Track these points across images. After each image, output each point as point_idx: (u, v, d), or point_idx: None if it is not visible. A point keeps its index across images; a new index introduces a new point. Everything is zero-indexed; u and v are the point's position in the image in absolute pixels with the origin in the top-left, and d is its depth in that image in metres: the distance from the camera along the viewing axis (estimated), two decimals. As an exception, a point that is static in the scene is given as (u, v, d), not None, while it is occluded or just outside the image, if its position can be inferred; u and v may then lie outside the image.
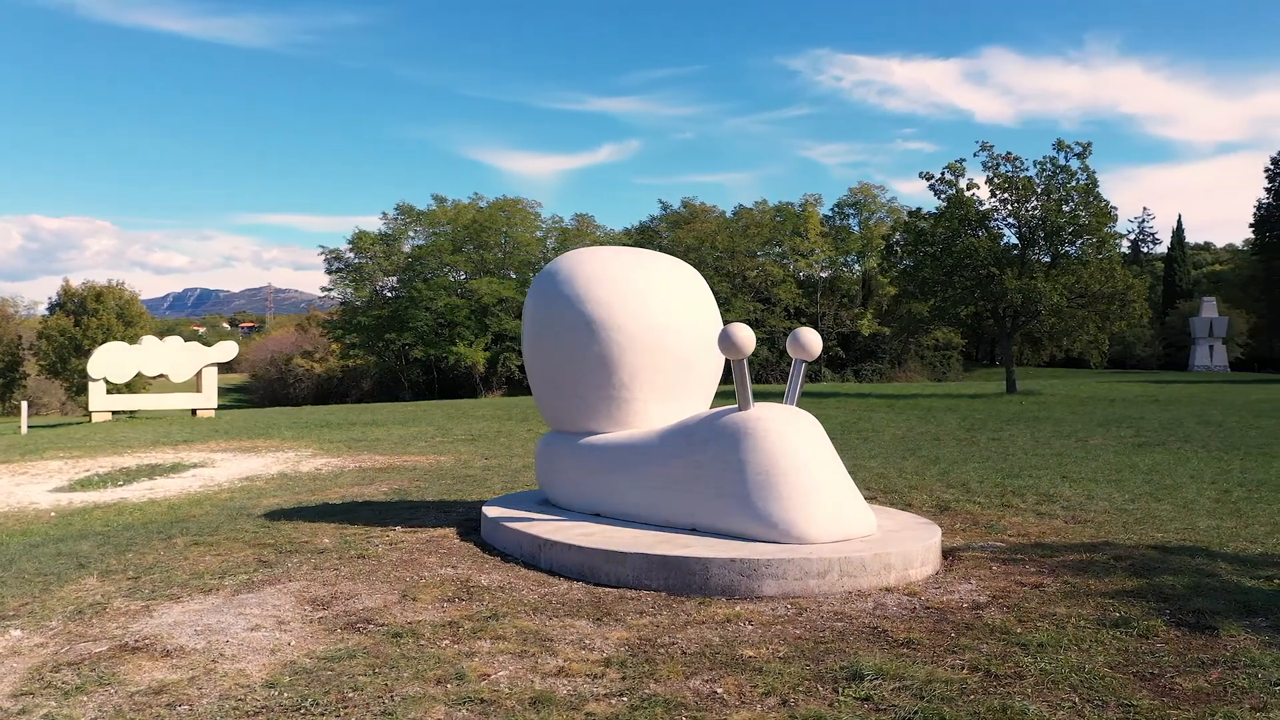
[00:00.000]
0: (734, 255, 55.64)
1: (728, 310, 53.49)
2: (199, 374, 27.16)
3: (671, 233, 57.63)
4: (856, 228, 62.17)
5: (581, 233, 64.13)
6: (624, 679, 4.16)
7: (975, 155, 31.30)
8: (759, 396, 6.91)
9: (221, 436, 19.55)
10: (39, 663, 4.57)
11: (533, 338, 7.61)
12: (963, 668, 4.20)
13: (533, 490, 8.72)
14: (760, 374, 55.60)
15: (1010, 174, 30.73)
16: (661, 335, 7.21)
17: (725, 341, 6.23)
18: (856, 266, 62.21)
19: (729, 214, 60.61)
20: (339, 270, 59.77)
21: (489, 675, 4.24)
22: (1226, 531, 7.42)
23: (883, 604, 5.28)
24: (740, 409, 6.39)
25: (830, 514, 6.00)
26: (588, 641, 4.70)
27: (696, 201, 61.06)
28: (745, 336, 6.19)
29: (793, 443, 6.20)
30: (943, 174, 31.70)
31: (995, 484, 10.20)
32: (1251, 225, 44.01)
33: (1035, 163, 30.75)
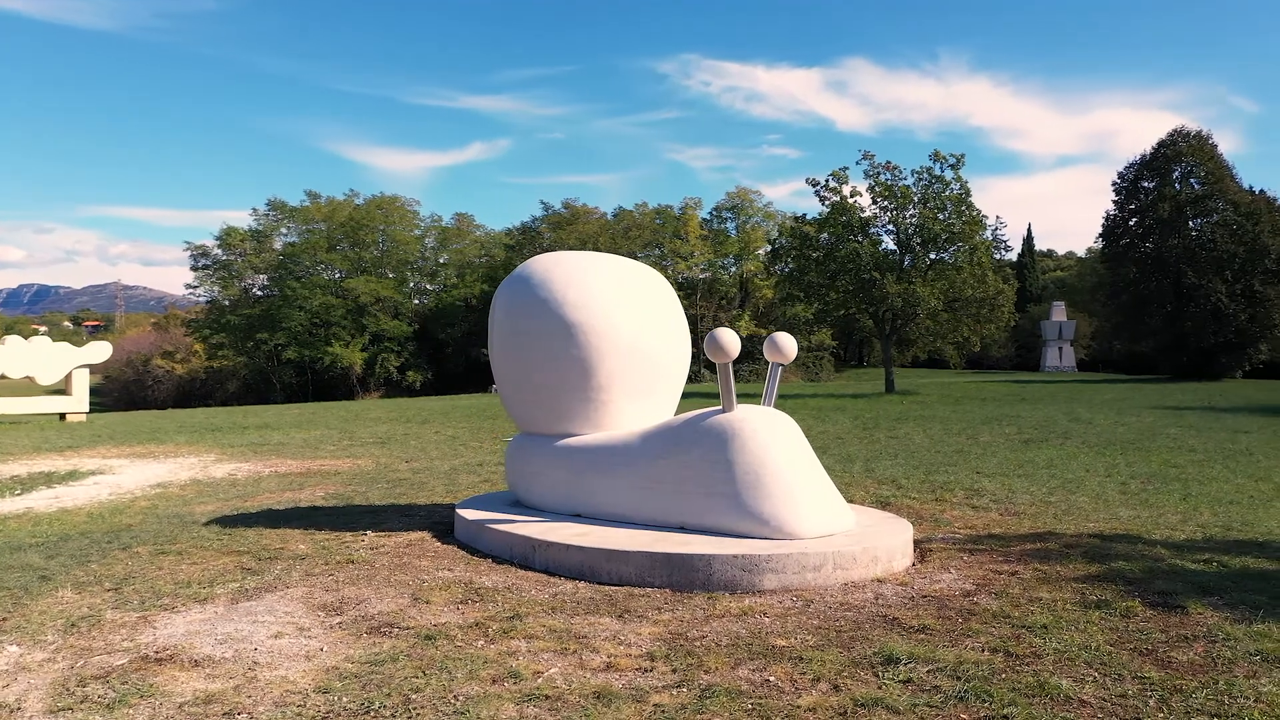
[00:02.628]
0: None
1: (610, 311, 53.87)
2: (68, 376, 25.67)
3: (554, 233, 57.58)
4: (734, 231, 63.52)
5: (462, 232, 63.43)
6: (674, 671, 4.34)
7: (857, 164, 32.64)
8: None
9: (108, 442, 18.60)
10: (58, 677, 4.42)
11: (504, 341, 7.66)
12: (983, 649, 4.56)
13: (498, 492, 8.76)
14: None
15: (890, 182, 32.14)
16: (636, 339, 7.39)
17: (712, 345, 6.46)
18: (734, 269, 63.56)
19: (610, 215, 61.02)
20: (206, 267, 57.29)
21: (541, 673, 4.34)
22: (1146, 521, 8.11)
23: (881, 594, 5.62)
24: (724, 410, 6.63)
25: (816, 510, 6.32)
26: (622, 637, 4.86)
27: (578, 203, 61.21)
28: (731, 341, 6.44)
29: (777, 442, 6.49)
30: (827, 181, 32.89)
31: (921, 480, 10.78)
32: (1100, 235, 47.07)
33: (913, 172, 32.28)
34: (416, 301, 61.69)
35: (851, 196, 32.45)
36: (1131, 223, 44.80)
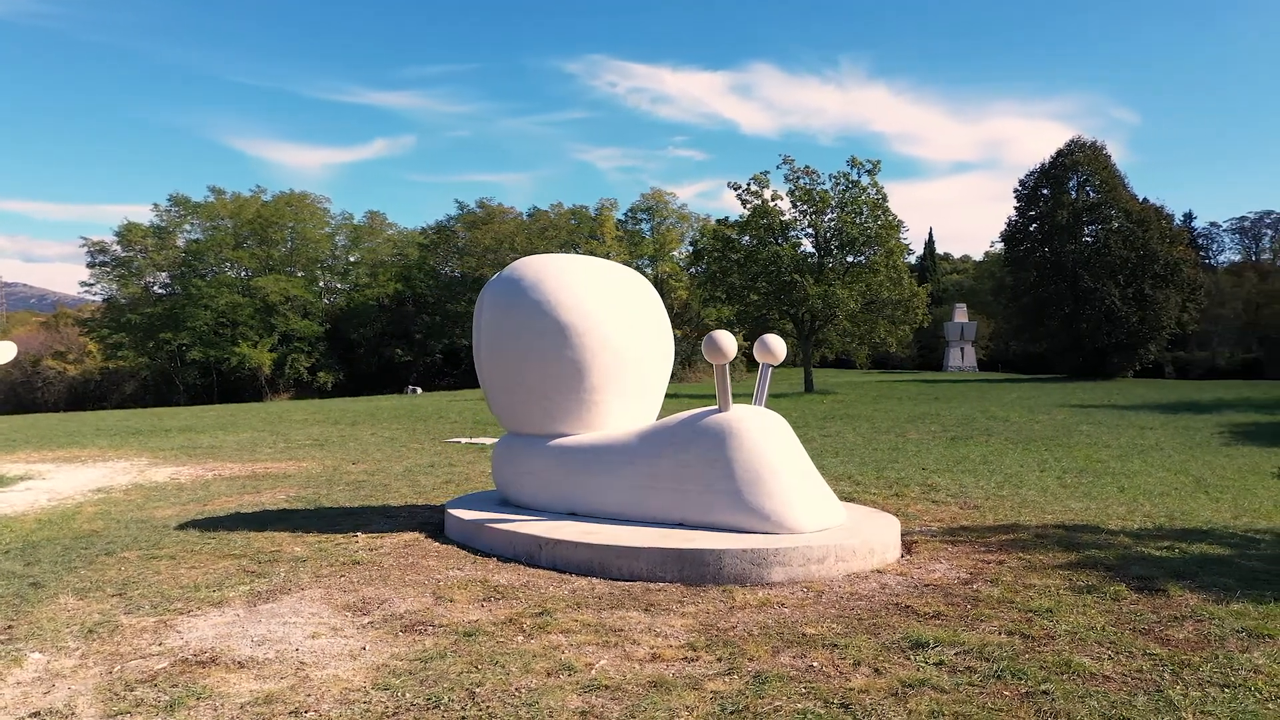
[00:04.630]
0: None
1: (526, 312, 53.67)
2: (-31, 377, 24.45)
3: (469, 233, 57.07)
4: (649, 232, 63.99)
5: (374, 231, 62.34)
6: (719, 660, 4.53)
7: (777, 168, 33.32)
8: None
9: (26, 447, 17.89)
10: (100, 683, 4.37)
11: (494, 343, 7.73)
12: (999, 632, 4.87)
13: (485, 491, 8.82)
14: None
15: (809, 187, 32.90)
16: (626, 340, 7.56)
17: (710, 347, 6.67)
18: (649, 270, 64.00)
19: (525, 215, 60.78)
20: (104, 264, 54.97)
21: (592, 665, 4.49)
22: (1097, 512, 8.64)
23: (885, 584, 5.91)
24: (721, 410, 6.85)
25: (812, 505, 6.59)
26: (656, 629, 5.03)
27: (493, 202, 60.77)
28: (729, 343, 6.66)
29: (773, 441, 6.74)
30: (748, 185, 33.48)
31: (875, 477, 11.20)
32: (1002, 239, 48.95)
33: (830, 176, 33.11)
34: (327, 301, 60.38)
35: (772, 200, 33.09)
36: (1032, 228, 46.68)
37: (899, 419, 22.27)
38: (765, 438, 6.72)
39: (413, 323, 56.79)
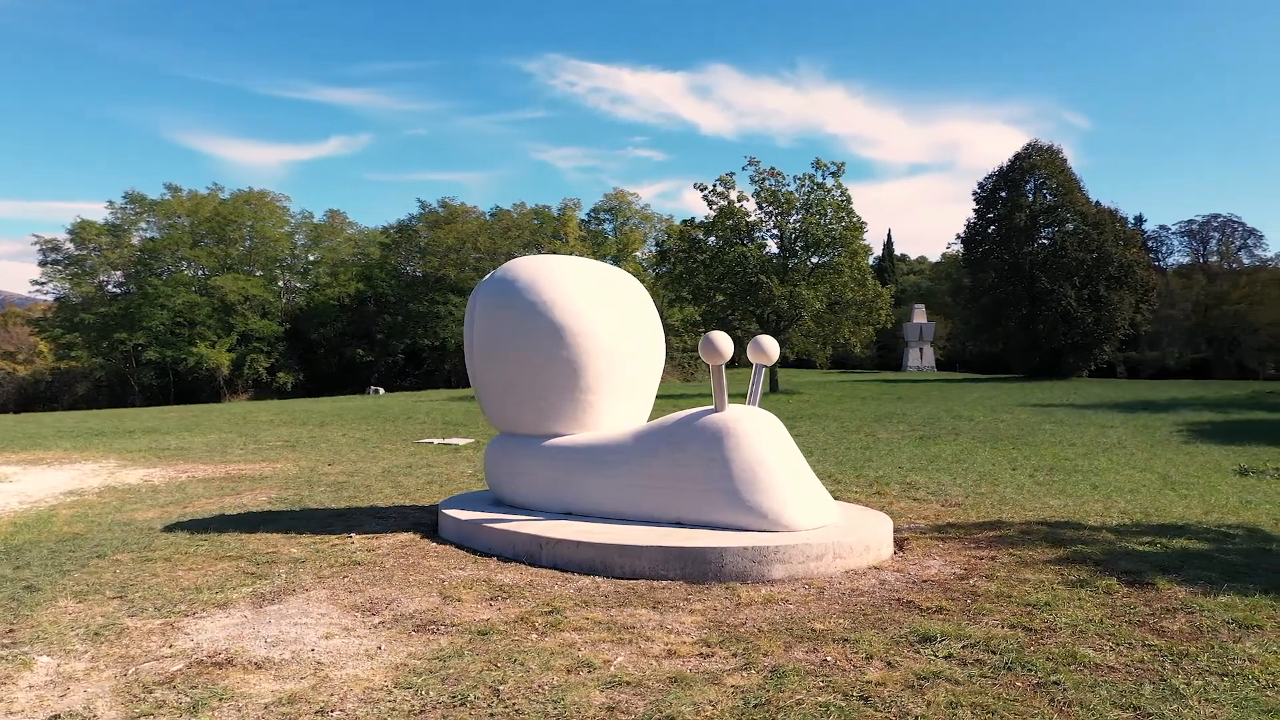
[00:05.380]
0: (495, 256, 55.69)
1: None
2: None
3: (431, 232, 56.71)
4: (611, 233, 64.04)
5: (334, 230, 61.72)
6: (734, 655, 4.62)
7: (743, 169, 33.55)
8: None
9: (-13, 448, 17.49)
10: (116, 685, 4.35)
11: (488, 343, 7.74)
12: (1002, 626, 5.01)
13: (477, 491, 8.84)
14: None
15: (775, 188, 33.16)
16: (620, 341, 7.62)
17: (707, 347, 6.76)
18: (612, 270, 63.98)
19: (487, 215, 60.54)
20: (55, 262, 53.82)
21: (610, 662, 4.55)
22: (1074, 509, 8.86)
23: (884, 580, 6.04)
24: (716, 410, 6.94)
25: (807, 503, 6.71)
26: (668, 626, 5.10)
27: (456, 201, 60.44)
28: (726, 343, 6.76)
29: (769, 440, 6.85)
30: (714, 186, 33.67)
31: (853, 475, 11.37)
32: (961, 241, 49.67)
33: (795, 178, 33.41)
34: (286, 300, 59.67)
35: (738, 201, 33.31)
36: (990, 230, 47.42)
37: (866, 418, 22.55)
38: (761, 437, 6.83)
39: (374, 323, 56.33)
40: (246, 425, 22.19)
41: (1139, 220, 75.44)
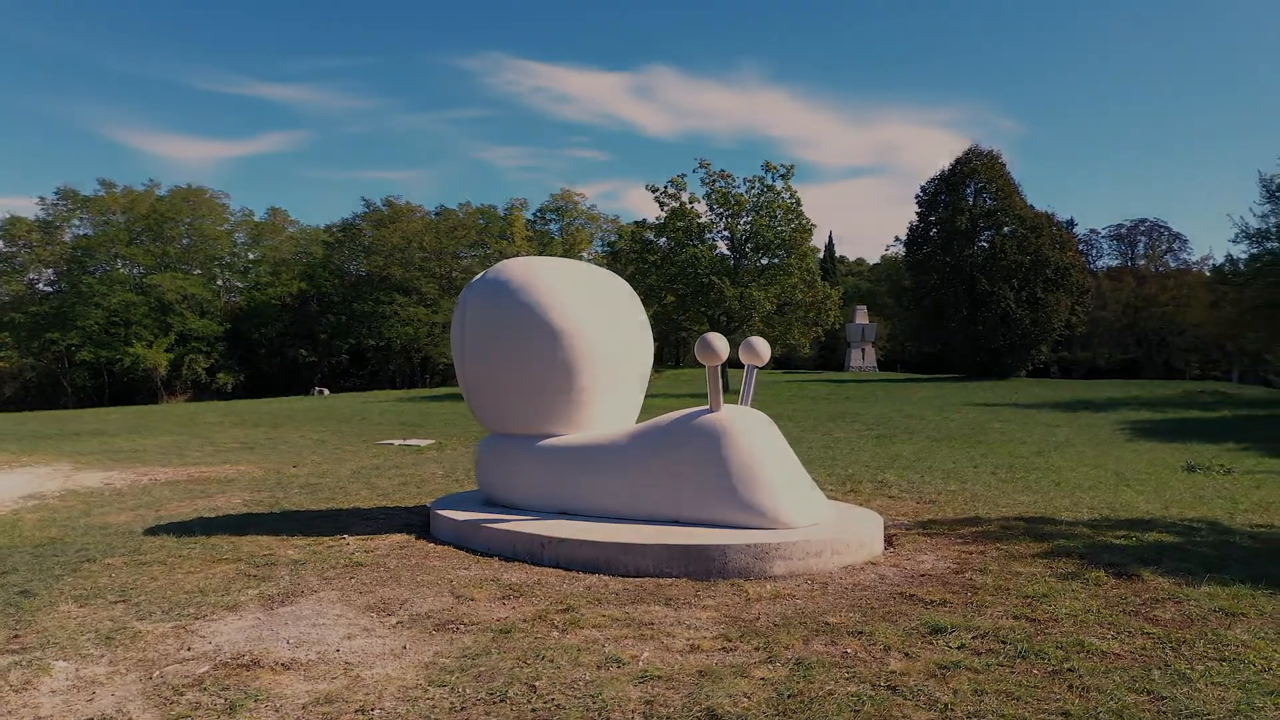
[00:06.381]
0: (440, 256, 55.26)
1: (435, 312, 53.00)
2: None
3: (376, 231, 56.03)
4: (558, 233, 63.88)
5: (276, 228, 60.67)
6: (757, 649, 4.74)
7: (694, 171, 33.83)
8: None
9: (-72, 451, 16.93)
10: (144, 689, 4.33)
11: (481, 343, 7.77)
12: (1006, 617, 5.21)
13: (467, 491, 8.87)
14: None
15: (725, 190, 33.50)
16: (613, 341, 7.71)
17: (704, 348, 6.89)
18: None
19: (433, 214, 59.96)
20: (-18, 259, 52.03)
21: (637, 657, 4.64)
22: (1044, 505, 9.17)
23: (884, 575, 6.22)
24: (712, 410, 7.07)
25: (802, 501, 6.87)
26: (685, 622, 5.21)
27: (401, 200, 59.80)
28: (722, 345, 6.90)
29: (764, 440, 7.00)
30: (666, 188, 33.89)
31: (825, 474, 11.59)
32: (904, 244, 50.61)
33: (745, 180, 33.79)
34: (226, 300, 58.49)
35: (690, 203, 33.57)
36: (932, 233, 48.37)
37: (820, 418, 22.92)
38: (757, 437, 6.97)
39: (318, 323, 55.49)
40: (196, 427, 21.79)
41: (1070, 224, 77.48)
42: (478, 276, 8.20)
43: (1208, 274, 60.57)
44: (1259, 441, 17.49)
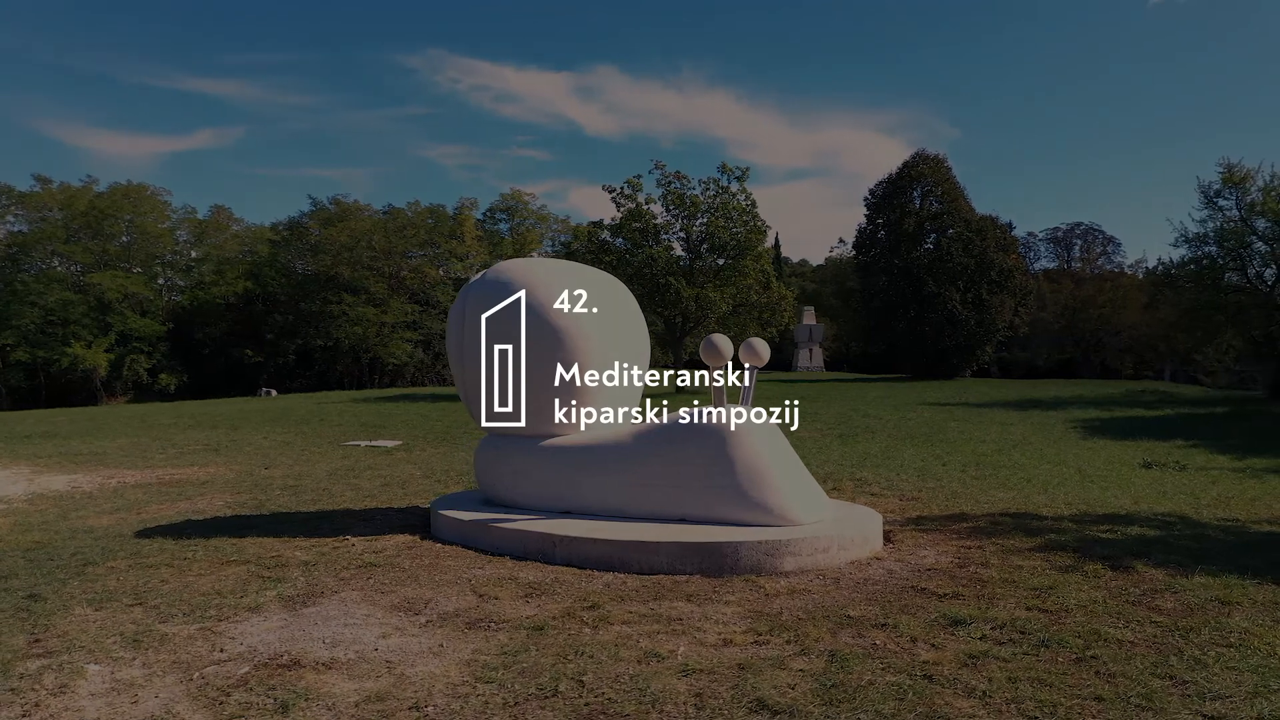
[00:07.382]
0: (390, 255, 54.63)
1: (384, 311, 52.45)
2: None
3: (323, 230, 55.19)
4: (507, 232, 63.63)
5: (220, 226, 59.45)
6: (789, 642, 4.88)
7: (650, 173, 33.96)
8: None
9: (-126, 455, 16.36)
10: (187, 690, 4.32)
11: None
12: (1019, 608, 5.42)
13: (466, 491, 8.89)
14: (416, 376, 55.13)
15: (681, 191, 33.70)
16: (613, 341, 7.80)
17: (708, 349, 7.02)
18: (508, 271, 63.50)
19: (382, 213, 59.24)
20: (-90, 256, 50.15)
21: (674, 652, 4.75)
22: (1023, 501, 9.46)
23: (891, 570, 6.40)
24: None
25: (807, 499, 7.04)
26: (714, 617, 5.33)
27: (348, 199, 58.99)
28: (727, 345, 7.04)
29: (768, 439, 7.16)
30: (622, 188, 33.97)
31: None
32: (853, 246, 51.39)
33: (700, 181, 34.02)
34: (168, 299, 57.19)
35: (647, 204, 33.71)
36: (880, 235, 49.21)
37: (780, 418, 23.18)
38: (760, 435, 7.12)
39: (264, 322, 54.49)
40: (151, 429, 21.34)
41: (1009, 227, 79.40)
42: (477, 276, 8.23)
43: (1140, 276, 62.54)
44: (1205, 439, 18.12)
